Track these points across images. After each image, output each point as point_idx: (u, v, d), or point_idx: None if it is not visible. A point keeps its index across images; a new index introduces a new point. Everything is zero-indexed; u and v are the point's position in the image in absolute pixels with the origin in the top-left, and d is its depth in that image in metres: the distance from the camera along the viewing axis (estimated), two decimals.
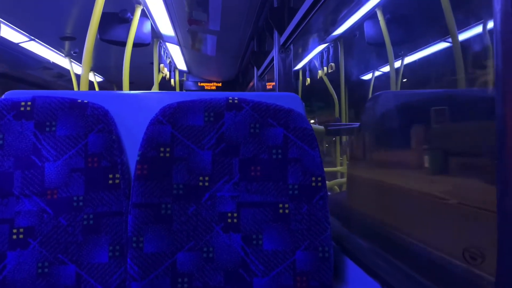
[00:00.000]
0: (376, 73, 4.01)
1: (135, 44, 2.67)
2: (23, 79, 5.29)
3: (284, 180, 0.84)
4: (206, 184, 0.83)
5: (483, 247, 0.69)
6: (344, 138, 3.94)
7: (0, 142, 0.80)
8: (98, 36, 2.54)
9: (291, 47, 1.87)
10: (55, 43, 3.85)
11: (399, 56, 3.13)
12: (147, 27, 2.80)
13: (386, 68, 3.63)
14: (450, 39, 1.63)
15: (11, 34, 3.38)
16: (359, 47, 3.49)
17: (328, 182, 2.90)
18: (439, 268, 0.81)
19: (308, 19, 1.39)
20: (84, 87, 1.86)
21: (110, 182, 0.82)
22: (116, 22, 2.66)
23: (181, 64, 5.30)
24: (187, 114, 0.84)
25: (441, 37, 2.44)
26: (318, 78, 3.97)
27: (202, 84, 6.41)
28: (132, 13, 2.62)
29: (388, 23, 2.47)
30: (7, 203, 0.78)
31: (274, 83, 1.97)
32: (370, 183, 1.26)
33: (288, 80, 1.89)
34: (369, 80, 4.15)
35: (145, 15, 2.79)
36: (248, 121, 0.85)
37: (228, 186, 0.83)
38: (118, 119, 0.88)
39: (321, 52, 3.84)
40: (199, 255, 0.80)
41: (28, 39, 3.58)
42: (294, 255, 0.81)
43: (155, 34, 3.43)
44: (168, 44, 4.05)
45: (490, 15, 0.46)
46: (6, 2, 2.68)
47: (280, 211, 0.83)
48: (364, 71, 4.24)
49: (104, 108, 0.85)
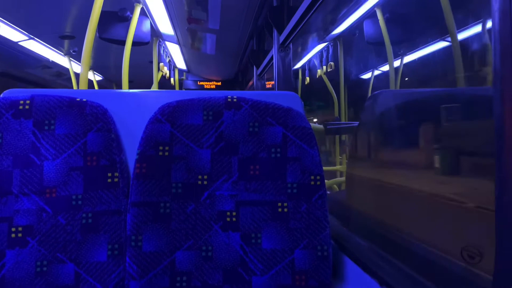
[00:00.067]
0: (376, 72, 4.01)
1: (135, 43, 2.67)
2: (22, 78, 5.27)
3: (283, 179, 0.84)
4: (205, 183, 0.83)
5: None
6: (343, 137, 3.94)
7: None
8: (98, 34, 2.54)
9: (291, 46, 1.87)
10: (54, 42, 3.84)
11: (398, 55, 3.13)
12: (147, 25, 2.79)
13: (386, 67, 3.63)
14: (449, 38, 1.63)
15: (10, 33, 3.37)
16: (359, 46, 3.49)
17: (327, 181, 2.91)
18: (457, 279, 0.77)
19: (307, 18, 1.39)
20: (83, 86, 1.86)
21: (109, 180, 0.82)
22: (116, 20, 2.66)
23: (180, 63, 5.29)
24: (186, 112, 0.84)
25: (440, 36, 2.44)
26: (318, 77, 3.97)
27: (202, 83, 6.40)
28: (132, 11, 2.61)
29: (387, 22, 2.48)
30: (5, 202, 0.78)
31: (274, 82, 1.97)
32: (370, 182, 1.26)
33: (288, 79, 1.89)
34: (368, 79, 4.15)
35: (144, 13, 2.79)
36: (247, 120, 0.85)
37: (227, 185, 0.83)
38: (117, 118, 0.88)
39: (320, 51, 3.84)
40: (198, 254, 0.80)
41: (27, 38, 3.57)
42: (293, 253, 0.81)
43: (155, 33, 3.42)
44: (167, 43, 4.04)
45: (489, 14, 0.46)
46: (5, 1, 2.67)
47: (279, 209, 0.83)
48: (364, 70, 4.24)
49: (103, 107, 0.85)
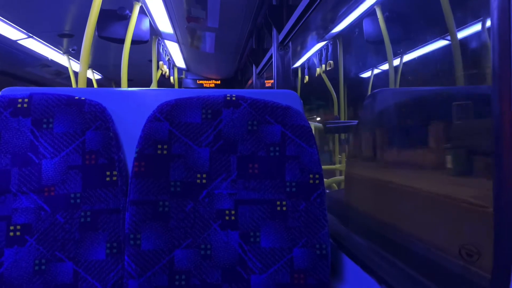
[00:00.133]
0: (375, 71, 4.00)
1: (134, 42, 2.66)
2: (21, 77, 5.27)
3: (282, 178, 0.84)
4: (204, 181, 0.83)
5: None
6: (343, 136, 3.94)
7: None
8: (97, 33, 2.53)
9: (290, 44, 1.87)
10: (53, 40, 3.84)
11: (398, 54, 3.13)
12: (146, 24, 2.79)
13: (385, 66, 3.63)
14: (449, 37, 1.63)
15: (9, 31, 3.37)
16: (358, 45, 3.48)
17: (326, 180, 2.91)
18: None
19: (306, 16, 1.39)
20: (82, 85, 1.86)
21: (108, 179, 0.82)
22: (114, 19, 2.65)
23: (180, 62, 5.29)
24: (184, 111, 0.83)
25: (440, 35, 2.43)
26: (317, 75, 3.97)
27: (201, 81, 6.40)
28: (131, 10, 2.61)
29: (387, 20, 2.47)
30: (4, 200, 0.78)
31: (273, 81, 1.97)
32: (371, 182, 1.26)
33: (287, 78, 1.89)
34: (368, 78, 4.15)
35: (143, 12, 2.78)
36: (246, 118, 0.85)
37: (226, 184, 0.83)
38: (116, 116, 0.88)
39: (320, 50, 3.84)
40: (197, 252, 0.80)
41: (26, 36, 3.57)
42: (292, 252, 0.81)
43: (154, 31, 3.42)
44: (166, 42, 4.04)
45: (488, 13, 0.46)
46: None
47: (278, 208, 0.83)
48: (363, 69, 4.24)
49: (102, 105, 0.85)
